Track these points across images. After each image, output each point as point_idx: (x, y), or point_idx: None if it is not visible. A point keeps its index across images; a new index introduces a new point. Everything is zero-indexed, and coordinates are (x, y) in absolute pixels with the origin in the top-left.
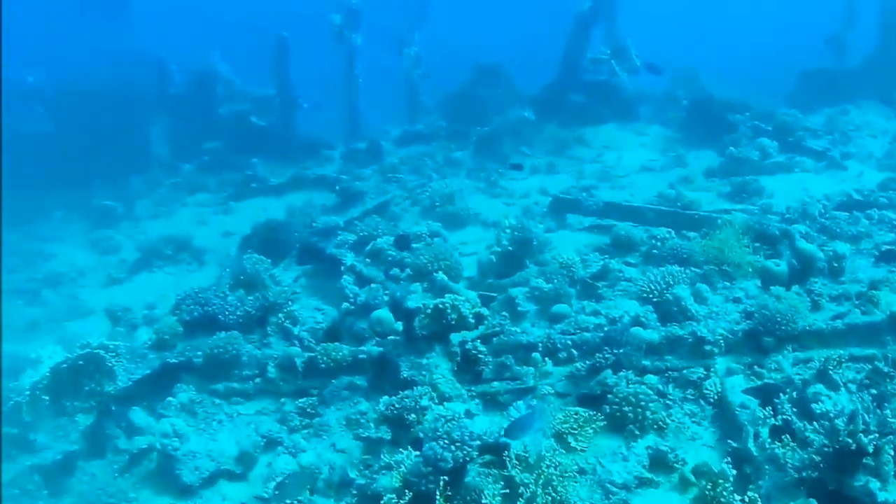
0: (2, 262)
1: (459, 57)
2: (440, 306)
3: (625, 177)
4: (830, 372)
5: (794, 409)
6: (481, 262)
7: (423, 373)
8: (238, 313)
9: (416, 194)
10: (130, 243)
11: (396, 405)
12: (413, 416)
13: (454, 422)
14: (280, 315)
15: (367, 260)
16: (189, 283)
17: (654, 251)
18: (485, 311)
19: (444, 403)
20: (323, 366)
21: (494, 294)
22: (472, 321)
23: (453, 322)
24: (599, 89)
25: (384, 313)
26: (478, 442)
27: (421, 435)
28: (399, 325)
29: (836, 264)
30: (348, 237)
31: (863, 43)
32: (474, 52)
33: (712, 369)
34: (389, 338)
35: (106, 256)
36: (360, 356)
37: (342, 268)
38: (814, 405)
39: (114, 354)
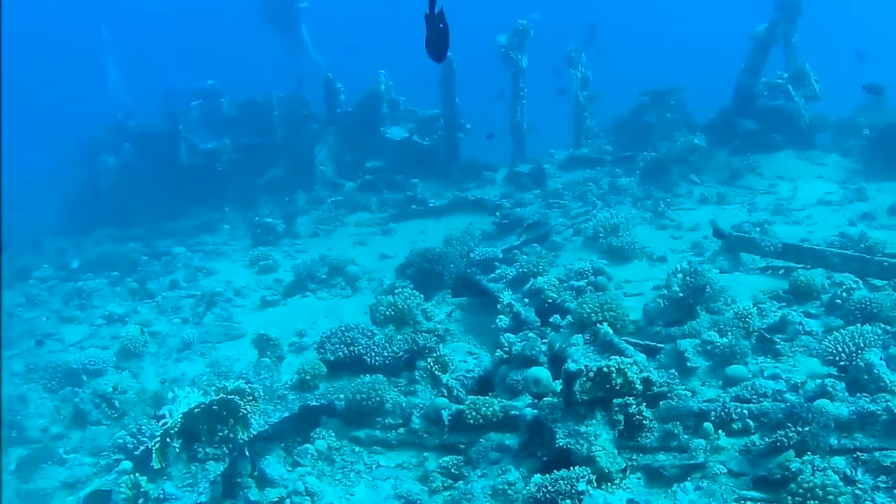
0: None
1: (630, 80)
2: (604, 370)
3: (801, 210)
4: None
5: None
6: (648, 307)
7: (581, 442)
8: (385, 354)
9: (579, 223)
10: (288, 262)
11: (549, 488)
12: (568, 501)
13: None
14: (429, 360)
15: (526, 300)
16: (341, 310)
17: (838, 301)
18: (654, 374)
19: (604, 485)
20: (471, 421)
21: (662, 345)
22: (640, 388)
23: (618, 387)
24: (774, 115)
25: (542, 372)
26: None
27: None
28: (557, 385)
29: None
30: (507, 270)
31: None
32: (646, 76)
33: None
34: (546, 400)
35: (263, 276)
36: (513, 412)
37: (498, 306)
38: None
39: (250, 399)
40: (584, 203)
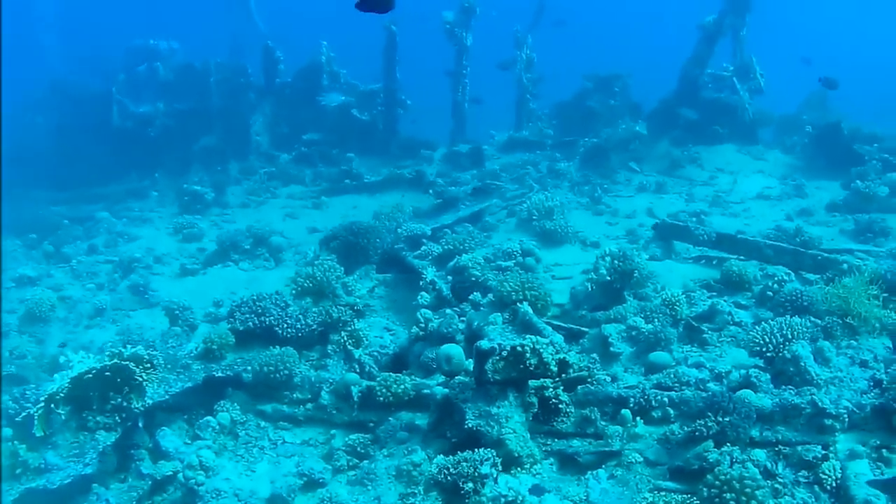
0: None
1: (577, 64)
2: (518, 349)
3: (739, 203)
4: None
5: None
6: (575, 290)
7: (492, 424)
8: (298, 326)
9: (514, 205)
10: (214, 231)
11: (451, 470)
12: (470, 485)
13: None
14: (343, 334)
15: (449, 277)
16: (262, 282)
17: (770, 293)
18: (571, 356)
19: (513, 469)
20: (381, 399)
21: (586, 329)
22: (555, 369)
23: (532, 368)
24: (718, 107)
25: (454, 349)
26: None
27: None
28: (471, 364)
29: None
30: (433, 247)
31: None
32: (594, 61)
33: (832, 449)
34: (457, 379)
35: (186, 244)
36: (425, 391)
37: (421, 283)
38: None
39: (147, 366)
40: (520, 185)
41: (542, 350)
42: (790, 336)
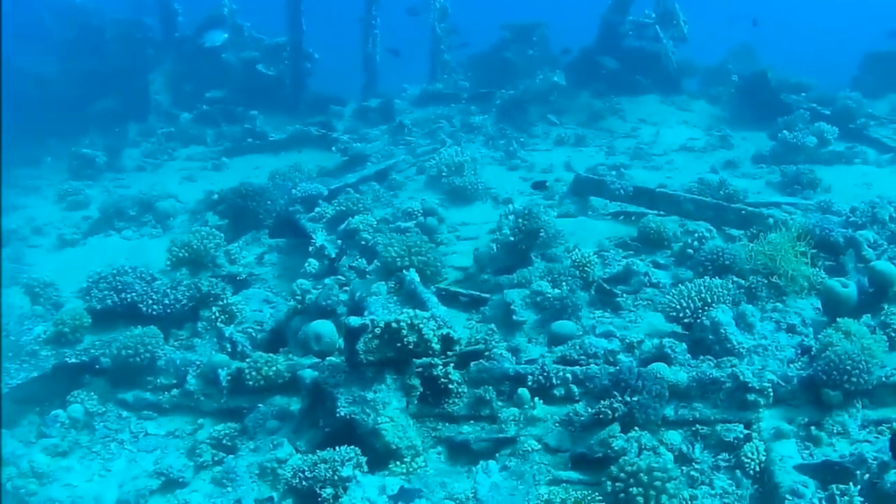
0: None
1: (497, 14)
2: (393, 326)
3: (662, 155)
4: None
5: None
6: (479, 252)
7: (367, 411)
8: (165, 302)
9: (424, 161)
10: (104, 198)
11: (307, 473)
12: (329, 490)
13: None
14: (214, 309)
15: (339, 241)
16: (146, 251)
17: (690, 251)
18: (456, 333)
19: (391, 464)
20: (251, 383)
21: (488, 295)
22: (438, 347)
23: (411, 346)
24: (640, 56)
25: (324, 326)
26: None
27: None
28: (342, 343)
29: None
30: (326, 209)
31: None
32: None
33: (755, 427)
34: (328, 360)
35: (71, 213)
36: (301, 372)
37: (310, 248)
38: None
39: None
40: (432, 140)
41: (421, 326)
42: (709, 300)
